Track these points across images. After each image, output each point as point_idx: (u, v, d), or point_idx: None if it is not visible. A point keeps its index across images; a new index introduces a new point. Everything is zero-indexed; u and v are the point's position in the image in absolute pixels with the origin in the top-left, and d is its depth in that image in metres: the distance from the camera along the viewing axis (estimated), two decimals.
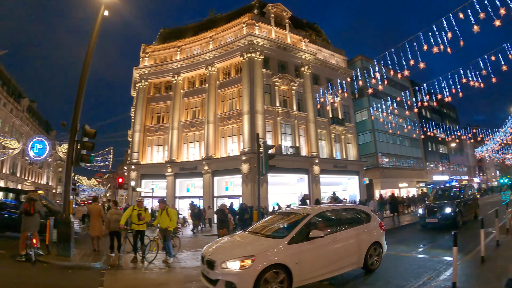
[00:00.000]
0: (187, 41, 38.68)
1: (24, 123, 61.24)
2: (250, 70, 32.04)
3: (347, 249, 7.70)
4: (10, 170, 55.77)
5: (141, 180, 36.42)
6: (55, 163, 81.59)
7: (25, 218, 10.17)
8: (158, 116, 38.36)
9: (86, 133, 11.99)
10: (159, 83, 39.08)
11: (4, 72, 55.69)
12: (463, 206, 16.26)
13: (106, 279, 8.59)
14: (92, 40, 12.34)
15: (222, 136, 33.37)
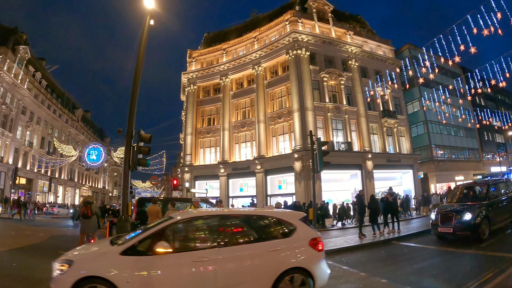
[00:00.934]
0: (231, 43, 40.24)
1: (80, 132, 67.66)
2: (297, 67, 32.78)
3: (231, 277, 5.47)
4: (68, 176, 61.62)
5: (194, 181, 38.33)
6: (111, 168, 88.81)
7: (83, 221, 11.15)
8: (208, 118, 40.06)
9: (141, 138, 12.88)
10: (207, 86, 40.90)
11: (58, 85, 61.20)
12: (493, 210, 12.23)
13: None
14: (141, 49, 13.26)
15: (273, 135, 34.32)
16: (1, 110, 42.91)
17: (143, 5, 13.25)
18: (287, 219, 6.41)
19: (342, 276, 8.29)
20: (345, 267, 9.30)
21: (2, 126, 43.34)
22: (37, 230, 20.48)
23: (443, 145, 46.05)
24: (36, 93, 52.24)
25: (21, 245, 13.34)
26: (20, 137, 48.29)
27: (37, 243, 14.49)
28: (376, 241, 13.95)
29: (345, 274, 8.55)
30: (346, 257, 11.06)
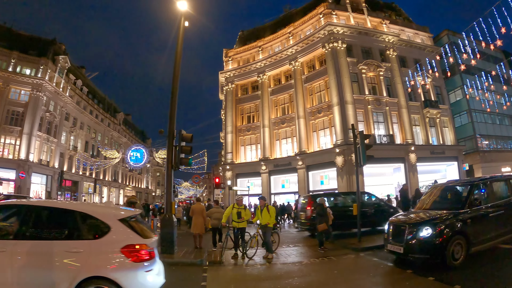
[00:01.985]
0: (267, 40, 41.61)
1: (122, 135, 72.47)
2: (334, 60, 33.38)
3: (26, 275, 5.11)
4: (112, 178, 66.43)
5: (236, 179, 39.97)
6: (153, 168, 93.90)
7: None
8: (248, 116, 41.68)
9: (183, 138, 13.47)
10: (245, 84, 42.55)
11: (98, 91, 66.52)
12: (476, 223, 8.61)
13: (209, 275, 9.35)
14: (178, 51, 13.98)
15: (314, 130, 35.18)
16: (45, 118, 46.40)
17: (177, 8, 14.13)
18: (100, 217, 5.59)
19: (388, 273, 9.05)
20: (390, 264, 9.71)
21: (47, 133, 46.98)
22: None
23: (488, 134, 44.78)
24: (78, 99, 56.15)
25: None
26: (64, 142, 52.28)
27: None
28: None
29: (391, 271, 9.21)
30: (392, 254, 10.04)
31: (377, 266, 9.80)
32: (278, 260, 11.37)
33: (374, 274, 8.92)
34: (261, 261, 11.23)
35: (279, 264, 10.81)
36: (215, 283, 8.65)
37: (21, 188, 40.84)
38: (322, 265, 10.47)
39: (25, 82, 44.68)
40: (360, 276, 8.91)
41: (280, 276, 9.16)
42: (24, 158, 42.42)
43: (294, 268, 10.07)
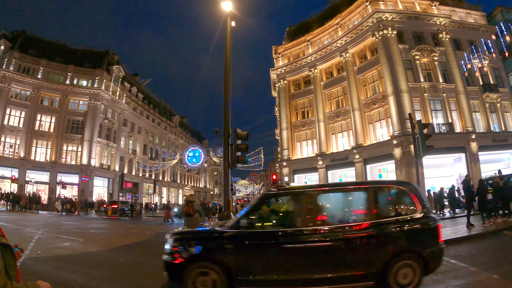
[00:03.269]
0: (315, 33, 42.80)
1: (178, 137, 78.83)
2: (386, 48, 33.72)
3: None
4: (171, 178, 72.75)
5: (293, 175, 41.75)
6: (211, 168, 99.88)
7: (186, 219, 12.88)
8: (302, 111, 43.24)
9: (238, 136, 14.01)
10: (297, 80, 44.18)
11: (153, 96, 73.83)
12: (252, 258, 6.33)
13: None
14: (227, 51, 14.67)
15: (370, 122, 35.87)
16: (104, 125, 52.12)
17: (222, 9, 14.87)
18: None
19: (451, 270, 8.29)
20: (453, 261, 9.21)
21: (107, 138, 52.80)
22: (144, 229, 23.55)
23: None
24: (134, 105, 61.82)
25: (129, 243, 15.27)
26: (124, 146, 58.08)
27: (143, 240, 16.51)
28: (486, 232, 13.68)
29: (453, 268, 8.56)
30: (454, 249, 10.81)
31: None
32: None
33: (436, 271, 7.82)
34: None
35: None
36: None
37: (84, 191, 46.87)
38: None
39: (83, 93, 50.45)
40: None
41: None
42: (86, 163, 48.21)
43: None
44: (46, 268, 8.81)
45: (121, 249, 13.24)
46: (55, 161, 47.35)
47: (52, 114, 48.99)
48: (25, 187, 44.23)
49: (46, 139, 47.96)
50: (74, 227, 22.61)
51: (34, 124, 47.18)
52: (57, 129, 48.31)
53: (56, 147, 47.78)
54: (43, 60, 48.77)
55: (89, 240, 15.69)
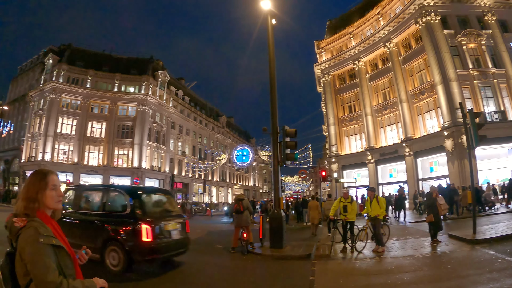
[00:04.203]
0: (356, 25, 42.85)
1: (226, 137, 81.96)
2: (430, 35, 33.04)
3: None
4: (220, 178, 76.36)
5: (342, 171, 42.35)
6: (259, 166, 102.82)
7: (236, 216, 13.25)
8: (349, 105, 43.60)
9: (287, 133, 14.18)
10: (342, 74, 44.53)
11: (199, 98, 77.51)
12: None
13: (317, 268, 9.70)
14: (271, 49, 15.01)
15: (419, 114, 35.39)
16: (153, 128, 55.30)
17: (261, 8, 15.24)
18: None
19: (506, 268, 8.30)
20: (508, 258, 9.23)
21: (156, 141, 56.02)
22: (195, 227, 23.76)
23: None
24: (181, 108, 65.02)
25: None
26: (173, 148, 61.41)
27: (194, 239, 16.52)
28: None
29: (509, 266, 8.53)
30: (511, 246, 10.81)
31: (494, 260, 9.44)
32: (388, 253, 11.53)
33: (490, 269, 8.49)
34: (370, 255, 11.42)
35: (389, 258, 10.92)
36: (323, 276, 8.91)
37: None
38: (434, 259, 10.49)
39: (131, 99, 53.78)
40: (476, 271, 8.59)
41: (390, 270, 9.28)
42: (137, 165, 51.78)
43: (405, 262, 10.14)
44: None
45: None
46: (107, 165, 51.33)
47: (103, 121, 52.89)
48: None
49: (98, 144, 51.99)
50: None
51: (85, 131, 51.35)
52: (108, 135, 52.21)
53: (107, 151, 51.73)
54: (91, 70, 52.78)
55: None
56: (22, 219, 2.18)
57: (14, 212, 2.27)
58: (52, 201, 2.37)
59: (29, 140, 51.50)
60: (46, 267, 2.06)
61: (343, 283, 8.21)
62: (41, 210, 2.30)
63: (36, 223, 2.19)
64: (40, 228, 2.17)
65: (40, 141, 49.09)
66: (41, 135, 49.21)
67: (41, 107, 51.09)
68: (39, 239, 2.10)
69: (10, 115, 60.18)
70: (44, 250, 2.10)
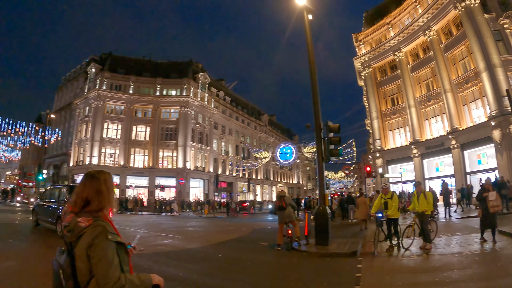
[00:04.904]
0: (393, 15, 41.77)
1: (269, 135, 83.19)
2: (471, 20, 31.65)
3: None
4: (264, 176, 77.67)
5: (387, 166, 41.43)
6: (303, 164, 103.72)
7: (279, 213, 13.38)
8: (391, 98, 42.61)
9: (330, 129, 14.17)
10: (382, 66, 43.57)
11: (240, 98, 79.07)
12: None
13: (363, 266, 9.67)
14: (309, 45, 15.00)
15: (464, 103, 33.95)
16: (196, 129, 56.86)
17: (296, 5, 15.25)
18: None
19: None
20: None
21: (200, 142, 57.57)
22: (240, 226, 25.13)
23: None
24: (223, 109, 66.28)
25: (226, 239, 16.36)
26: (216, 148, 62.84)
27: (240, 237, 17.49)
28: None
29: None
30: None
31: None
32: (435, 250, 11.36)
33: None
34: (417, 252, 11.32)
35: (437, 255, 10.77)
36: (369, 274, 8.92)
37: (181, 192, 51.95)
38: (483, 256, 10.32)
39: (173, 102, 55.46)
40: None
41: (437, 268, 9.14)
42: (182, 166, 53.36)
43: (453, 260, 9.98)
44: (149, 264, 9.78)
45: (219, 246, 14.35)
46: (152, 167, 53.37)
47: (147, 124, 55.07)
48: (126, 191, 50.71)
49: (143, 147, 54.20)
50: (174, 225, 24.62)
51: (130, 134, 53.89)
52: (152, 137, 54.39)
53: (152, 153, 53.76)
54: (132, 76, 55.21)
55: (188, 237, 17.18)
56: (87, 219, 2.31)
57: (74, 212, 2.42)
58: (113, 201, 2.59)
59: (76, 146, 55.27)
60: (111, 262, 2.21)
61: (390, 280, 8.17)
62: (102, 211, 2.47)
63: (103, 222, 2.35)
64: (107, 226, 2.35)
65: (87, 146, 52.27)
66: (88, 140, 52.44)
67: (86, 114, 54.38)
68: (107, 236, 2.28)
69: (57, 122, 64.16)
70: (111, 247, 2.27)
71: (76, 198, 2.46)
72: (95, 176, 2.53)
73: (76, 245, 2.29)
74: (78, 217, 2.34)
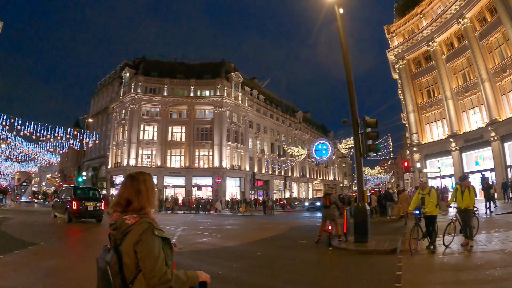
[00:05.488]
0: (425, 4, 40.52)
1: (303, 132, 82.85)
2: (505, 5, 30.30)
3: None
4: (300, 173, 77.74)
5: (424, 160, 40.19)
6: (338, 160, 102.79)
7: (323, 210, 13.85)
8: (427, 90, 41.33)
9: (368, 124, 13.94)
10: (416, 57, 42.28)
11: (274, 96, 79.40)
12: None
13: (404, 263, 9.40)
14: (342, 40, 14.87)
15: (502, 93, 32.50)
16: (231, 129, 57.37)
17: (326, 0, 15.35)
18: None
19: None
20: None
21: (235, 141, 58.08)
22: (277, 223, 25.15)
23: None
24: (257, 107, 66.62)
25: (264, 237, 16.51)
26: (251, 147, 63.30)
27: (278, 235, 17.58)
28: None
29: None
30: None
31: None
32: (477, 247, 10.95)
33: None
34: (458, 249, 10.94)
35: (478, 252, 10.38)
36: (410, 272, 8.69)
37: (218, 191, 52.68)
38: None
39: (207, 102, 56.23)
40: None
41: (479, 266, 8.83)
42: (218, 165, 54.09)
43: (495, 257, 9.58)
44: (189, 262, 10.06)
45: (257, 243, 14.57)
46: (189, 166, 54.45)
47: (182, 125, 56.13)
48: (163, 191, 52.11)
49: (179, 147, 55.40)
50: (211, 224, 25.08)
51: (166, 135, 55.15)
52: (188, 138, 55.41)
53: (188, 153, 54.83)
54: (166, 79, 56.46)
55: (226, 235, 17.40)
56: (134, 217, 2.40)
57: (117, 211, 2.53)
58: (153, 201, 2.62)
59: (114, 148, 57.40)
60: (157, 257, 2.28)
61: (431, 278, 7.96)
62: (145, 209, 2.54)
63: (148, 218, 2.43)
64: (153, 222, 2.42)
65: (124, 148, 54.09)
66: (125, 142, 54.17)
67: (123, 117, 56.25)
68: (154, 232, 2.35)
69: (94, 126, 66.95)
70: (157, 242, 2.34)
71: (118, 198, 2.57)
72: (135, 177, 2.62)
73: (122, 242, 2.37)
74: (124, 216, 2.43)
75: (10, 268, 8.72)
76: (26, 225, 20.12)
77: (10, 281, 7.54)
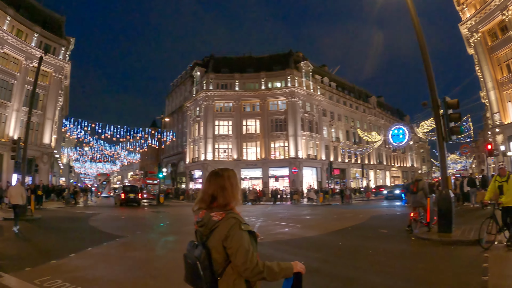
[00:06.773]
0: None
1: (378, 117, 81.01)
2: None
3: None
4: (377, 160, 76.47)
5: (508, 142, 36.99)
6: (416, 145, 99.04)
7: (411, 196, 13.90)
8: (506, 64, 37.87)
9: (448, 105, 13.29)
10: (492, 29, 39.01)
11: (346, 82, 79.25)
12: None
13: (491, 255, 8.86)
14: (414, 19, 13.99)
15: None
16: (305, 118, 57.65)
17: None
18: None
19: None
20: None
21: (310, 130, 58.44)
22: (356, 213, 25.07)
23: None
24: (330, 95, 66.26)
25: (344, 227, 16.49)
26: (327, 135, 63.44)
27: (358, 224, 17.53)
28: None
29: None
30: None
31: None
32: None
33: None
34: None
35: None
36: (497, 264, 8.24)
37: (295, 181, 53.14)
38: None
39: (279, 93, 57.08)
40: None
41: None
42: (294, 156, 54.60)
43: None
44: (271, 251, 10.23)
45: (338, 233, 14.61)
46: (265, 158, 55.63)
47: (256, 118, 57.41)
48: (241, 183, 52.54)
49: (254, 140, 56.76)
50: (290, 214, 25.66)
51: (241, 129, 56.75)
52: (262, 130, 56.60)
53: (264, 145, 55.96)
54: (236, 74, 57.93)
55: (306, 225, 17.69)
56: (220, 213, 2.47)
57: (202, 207, 2.62)
58: (238, 196, 2.72)
59: (191, 144, 60.15)
60: (248, 250, 2.36)
61: None
62: (230, 205, 2.63)
63: (234, 214, 2.51)
64: (239, 217, 2.50)
65: (201, 144, 56.55)
66: (201, 138, 56.63)
67: (197, 114, 58.74)
68: (241, 226, 2.43)
69: (171, 125, 70.73)
70: (245, 236, 2.43)
71: (203, 195, 2.65)
72: (219, 174, 2.69)
73: (209, 238, 2.45)
74: (210, 213, 2.51)
75: (99, 259, 9.47)
76: (112, 219, 22.06)
77: (100, 271, 8.10)
